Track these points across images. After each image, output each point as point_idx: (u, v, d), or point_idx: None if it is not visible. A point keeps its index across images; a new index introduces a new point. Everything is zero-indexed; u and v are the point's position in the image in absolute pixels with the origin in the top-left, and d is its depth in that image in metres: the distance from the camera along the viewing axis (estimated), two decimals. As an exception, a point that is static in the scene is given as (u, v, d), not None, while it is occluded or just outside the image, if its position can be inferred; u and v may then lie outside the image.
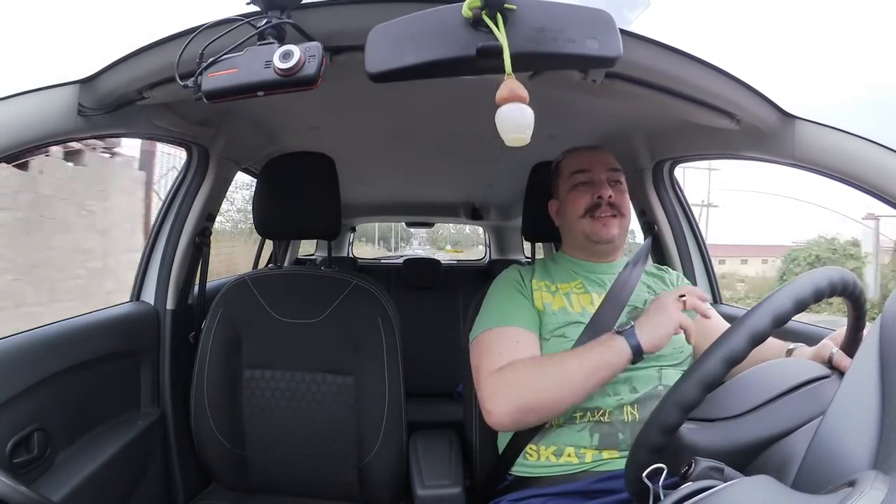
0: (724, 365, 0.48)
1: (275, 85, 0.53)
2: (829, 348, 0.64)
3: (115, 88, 0.74)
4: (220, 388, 1.05)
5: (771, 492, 0.38)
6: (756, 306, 0.50)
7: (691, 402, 0.48)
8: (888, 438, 0.38)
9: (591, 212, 0.91)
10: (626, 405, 0.80)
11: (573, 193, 0.93)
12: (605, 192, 0.90)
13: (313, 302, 1.05)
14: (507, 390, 0.75)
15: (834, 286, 0.51)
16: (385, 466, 1.01)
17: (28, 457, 0.77)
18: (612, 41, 0.48)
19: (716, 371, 0.48)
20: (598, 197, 0.90)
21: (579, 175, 0.93)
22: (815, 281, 0.50)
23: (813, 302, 0.50)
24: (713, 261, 1.32)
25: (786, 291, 0.50)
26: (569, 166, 0.96)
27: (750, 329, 0.48)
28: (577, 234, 0.93)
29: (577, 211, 0.92)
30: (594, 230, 0.91)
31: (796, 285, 0.50)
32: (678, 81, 0.72)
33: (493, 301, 0.91)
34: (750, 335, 0.48)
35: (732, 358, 0.48)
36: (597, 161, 0.94)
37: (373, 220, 3.39)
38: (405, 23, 0.49)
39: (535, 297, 0.90)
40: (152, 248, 1.16)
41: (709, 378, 0.48)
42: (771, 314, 0.48)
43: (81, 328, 0.94)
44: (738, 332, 0.49)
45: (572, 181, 0.94)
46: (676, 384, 0.50)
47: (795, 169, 0.82)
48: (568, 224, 0.95)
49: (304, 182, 1.07)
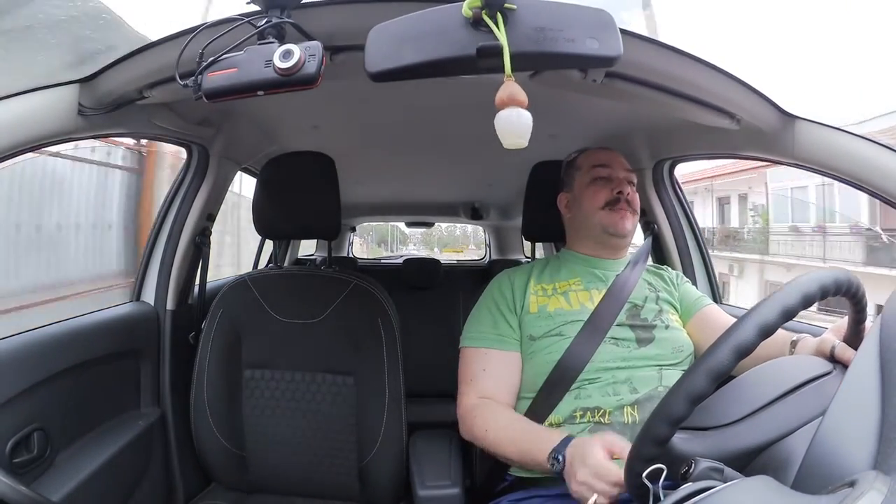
0: (734, 355, 0.47)
1: (275, 84, 0.53)
2: (830, 342, 0.63)
3: (115, 88, 0.74)
4: (220, 388, 1.05)
5: (771, 492, 0.38)
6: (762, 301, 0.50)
7: (700, 395, 0.47)
8: (888, 439, 0.38)
9: (611, 205, 0.93)
10: (626, 406, 0.80)
11: (593, 186, 0.95)
12: (625, 189, 0.93)
13: (313, 302, 1.05)
14: (470, 423, 0.86)
15: (839, 286, 0.51)
16: (385, 466, 1.01)
17: (28, 457, 0.77)
18: (612, 41, 0.48)
19: (726, 363, 0.47)
20: (617, 192, 0.93)
21: (600, 169, 0.96)
22: (820, 279, 0.50)
23: (819, 298, 0.50)
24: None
25: (792, 288, 0.49)
26: (589, 161, 0.98)
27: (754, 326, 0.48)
28: (594, 225, 0.94)
29: (597, 203, 0.94)
30: (612, 221, 0.92)
31: (801, 283, 0.50)
32: (678, 81, 0.72)
33: (475, 314, 0.95)
34: (758, 327, 0.47)
35: (741, 349, 0.47)
36: (616, 160, 0.98)
37: (373, 219, 3.39)
38: (405, 22, 0.49)
39: (530, 301, 0.91)
40: (152, 248, 1.15)
41: (718, 370, 0.47)
42: (781, 306, 0.48)
43: (81, 328, 0.94)
44: (745, 326, 0.48)
45: (592, 174, 0.96)
46: (684, 378, 0.49)
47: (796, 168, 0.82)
48: (583, 215, 0.96)
49: (304, 182, 1.07)
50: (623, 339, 0.85)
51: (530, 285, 0.92)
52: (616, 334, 0.85)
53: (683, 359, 0.86)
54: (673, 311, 0.92)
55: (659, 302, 0.91)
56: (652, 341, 0.85)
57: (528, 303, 0.90)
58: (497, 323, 0.90)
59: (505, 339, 0.89)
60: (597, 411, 0.80)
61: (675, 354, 0.85)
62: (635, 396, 0.80)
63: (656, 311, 0.90)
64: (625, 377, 0.81)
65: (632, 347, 0.84)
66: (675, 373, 0.83)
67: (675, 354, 0.85)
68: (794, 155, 0.79)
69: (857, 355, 0.45)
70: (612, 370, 0.82)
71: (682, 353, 0.86)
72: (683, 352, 0.86)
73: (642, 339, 0.85)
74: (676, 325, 0.90)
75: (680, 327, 0.90)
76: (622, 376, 0.81)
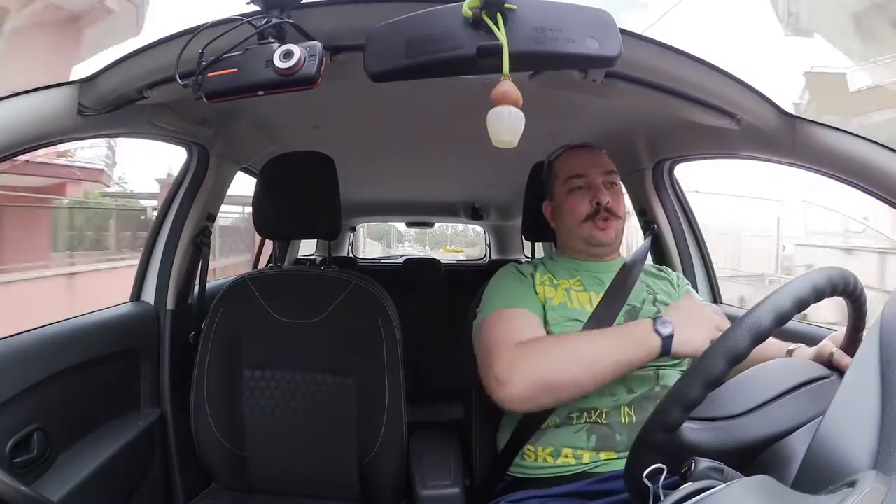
0: (752, 339, 0.47)
1: (275, 84, 0.53)
2: (828, 348, 0.64)
3: (115, 88, 0.74)
4: (220, 388, 1.05)
5: (771, 492, 0.38)
6: (758, 304, 0.50)
7: (716, 378, 0.47)
8: (888, 439, 0.38)
9: (591, 218, 0.91)
10: (623, 406, 0.80)
11: (571, 199, 0.93)
12: (604, 198, 0.90)
13: (313, 302, 1.05)
14: (528, 363, 0.71)
15: (835, 285, 0.51)
16: (385, 466, 1.01)
17: (28, 457, 0.77)
18: (612, 41, 0.48)
19: (742, 346, 0.47)
20: (596, 203, 0.91)
21: (576, 180, 0.93)
22: (813, 280, 0.50)
23: (814, 301, 0.50)
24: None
25: (786, 291, 0.49)
26: (565, 169, 0.95)
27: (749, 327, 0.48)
28: (576, 238, 0.94)
29: (577, 217, 0.92)
30: (593, 235, 0.91)
31: (796, 285, 0.50)
32: (678, 81, 0.72)
33: (498, 288, 0.90)
34: (751, 333, 0.48)
35: (734, 356, 0.47)
36: (592, 163, 0.94)
37: (373, 219, 3.39)
38: (405, 22, 0.49)
39: (539, 289, 0.90)
40: (152, 248, 1.15)
41: (735, 353, 0.47)
42: (773, 310, 0.48)
43: (81, 328, 0.94)
44: (763, 309, 0.48)
45: (569, 185, 0.94)
46: (700, 362, 0.50)
47: (796, 168, 0.83)
48: (567, 228, 0.95)
49: (304, 182, 1.07)
50: None
51: (537, 276, 0.92)
52: None
53: (680, 360, 0.86)
54: None
55: (657, 304, 0.91)
56: None
57: (537, 292, 0.89)
58: (525, 290, 0.88)
59: (537, 306, 0.85)
60: (593, 411, 0.80)
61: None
62: (632, 396, 0.80)
63: (654, 312, 0.89)
64: (621, 377, 0.81)
65: None
66: (673, 373, 0.83)
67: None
68: (795, 155, 0.79)
69: (856, 355, 0.45)
70: None
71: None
72: None
73: None
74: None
75: None
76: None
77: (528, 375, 0.70)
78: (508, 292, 0.88)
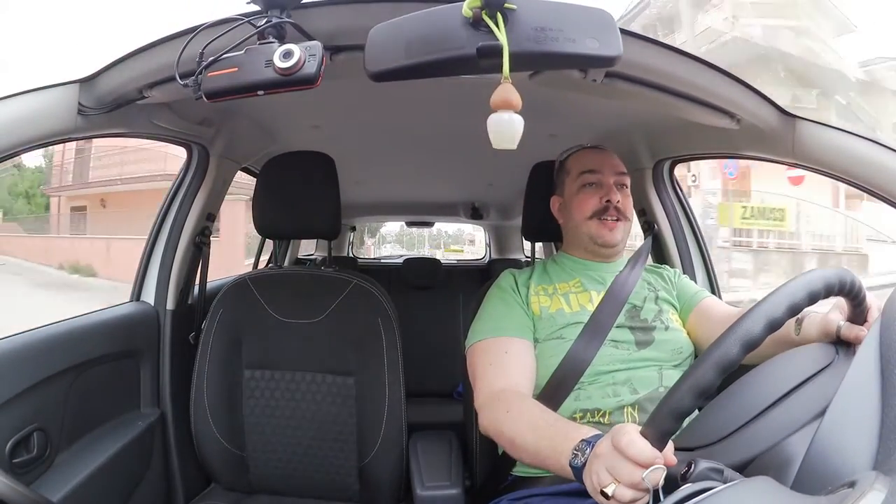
0: (766, 328, 0.47)
1: (275, 84, 0.53)
2: (835, 322, 0.62)
3: (115, 88, 0.74)
4: (221, 388, 1.05)
5: (771, 493, 0.38)
6: (752, 307, 0.50)
7: (731, 363, 0.46)
8: (888, 439, 0.38)
9: (599, 215, 0.91)
10: (627, 406, 0.79)
11: (581, 194, 0.93)
12: (614, 197, 0.91)
13: (313, 302, 1.05)
14: (492, 416, 0.76)
15: (830, 287, 0.51)
16: (385, 467, 1.01)
17: (28, 457, 0.77)
18: (613, 41, 0.48)
19: (757, 332, 0.47)
20: (606, 200, 0.91)
21: (588, 175, 0.93)
22: (809, 283, 0.50)
23: (808, 304, 0.50)
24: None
25: (781, 293, 0.49)
26: (578, 165, 0.96)
27: (741, 334, 0.47)
28: (582, 234, 0.93)
29: (585, 212, 0.92)
30: (600, 233, 0.91)
31: (790, 288, 0.49)
32: (678, 81, 0.72)
33: (487, 309, 0.91)
34: (741, 342, 0.47)
35: (725, 365, 0.46)
36: (606, 163, 0.94)
37: (373, 219, 3.39)
38: (405, 22, 0.49)
39: (532, 301, 0.90)
40: (152, 248, 1.15)
41: (750, 339, 0.47)
42: (765, 317, 0.48)
43: (81, 328, 0.94)
44: (729, 340, 0.47)
45: (581, 181, 0.94)
46: (714, 347, 0.48)
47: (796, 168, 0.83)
48: (573, 224, 0.95)
49: (304, 181, 1.07)
50: (622, 341, 0.84)
51: (532, 286, 0.92)
52: (615, 336, 0.84)
53: (683, 360, 0.86)
54: (672, 311, 0.92)
55: (658, 302, 0.91)
56: (651, 343, 0.85)
57: (531, 304, 0.90)
58: (512, 313, 0.88)
59: (523, 328, 0.86)
60: (597, 412, 0.80)
61: (675, 356, 0.85)
62: (636, 397, 0.80)
63: (656, 311, 0.90)
64: (624, 378, 0.81)
65: (631, 350, 0.84)
66: (676, 373, 0.83)
67: (674, 356, 0.85)
68: (794, 155, 0.79)
69: (856, 355, 0.45)
70: (612, 372, 0.82)
71: (681, 355, 0.86)
72: (683, 353, 0.86)
73: (641, 341, 0.85)
74: (676, 325, 0.90)
75: (680, 328, 0.90)
76: (622, 377, 0.81)
77: (491, 423, 0.76)
78: (493, 316, 0.89)
